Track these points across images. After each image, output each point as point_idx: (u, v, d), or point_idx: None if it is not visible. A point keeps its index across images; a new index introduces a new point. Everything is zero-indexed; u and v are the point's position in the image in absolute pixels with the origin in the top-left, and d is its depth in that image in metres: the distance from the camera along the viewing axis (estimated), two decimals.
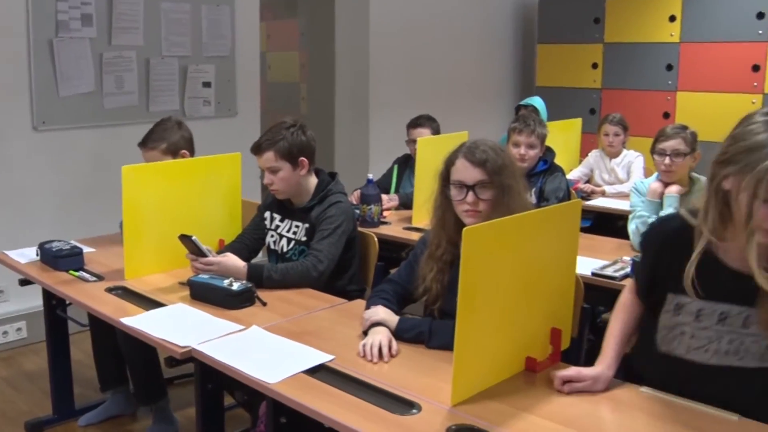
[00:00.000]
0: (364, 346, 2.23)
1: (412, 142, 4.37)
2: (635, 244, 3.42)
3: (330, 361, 2.16)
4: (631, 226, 3.46)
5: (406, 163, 4.51)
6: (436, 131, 4.44)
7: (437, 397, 1.93)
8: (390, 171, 4.57)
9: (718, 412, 1.90)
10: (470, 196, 2.34)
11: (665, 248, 2.00)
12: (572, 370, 2.01)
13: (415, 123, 4.51)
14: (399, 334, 2.30)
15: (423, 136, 4.19)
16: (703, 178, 3.45)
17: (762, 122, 1.74)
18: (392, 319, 2.35)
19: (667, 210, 3.33)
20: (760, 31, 6.05)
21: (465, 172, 2.36)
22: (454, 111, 6.40)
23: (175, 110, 4.87)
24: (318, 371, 2.10)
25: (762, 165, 1.67)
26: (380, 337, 2.24)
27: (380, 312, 2.37)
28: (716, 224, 1.83)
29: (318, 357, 2.18)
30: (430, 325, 2.30)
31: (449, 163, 2.43)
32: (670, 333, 1.99)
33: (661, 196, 3.42)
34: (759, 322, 1.84)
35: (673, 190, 3.38)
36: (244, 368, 2.11)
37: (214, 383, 2.45)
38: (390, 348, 2.22)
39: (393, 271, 2.74)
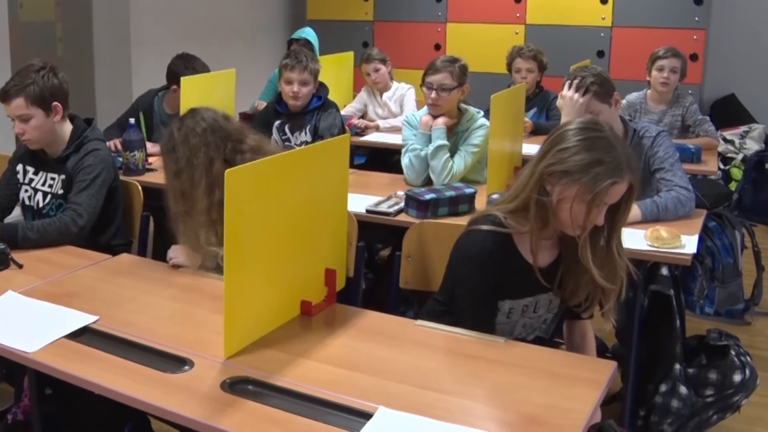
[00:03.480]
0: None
1: None
2: (409, 178, 3.47)
3: (94, 322, 2.01)
4: (405, 160, 3.49)
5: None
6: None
7: (210, 351, 1.86)
8: (131, 114, 4.12)
9: (486, 336, 1.97)
10: None
11: (493, 264, 2.06)
12: None
13: None
14: None
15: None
16: (471, 109, 3.53)
17: (584, 138, 1.96)
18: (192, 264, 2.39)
19: (436, 142, 3.38)
20: None
21: None
22: (222, 47, 6.20)
23: None
24: (82, 335, 1.96)
25: (604, 180, 1.90)
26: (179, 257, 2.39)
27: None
28: (536, 223, 2.01)
29: (80, 319, 2.03)
30: None
31: None
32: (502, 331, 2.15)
33: (431, 128, 3.46)
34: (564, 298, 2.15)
35: (440, 122, 3.43)
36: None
37: None
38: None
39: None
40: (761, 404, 3.15)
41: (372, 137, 4.75)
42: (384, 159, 4.53)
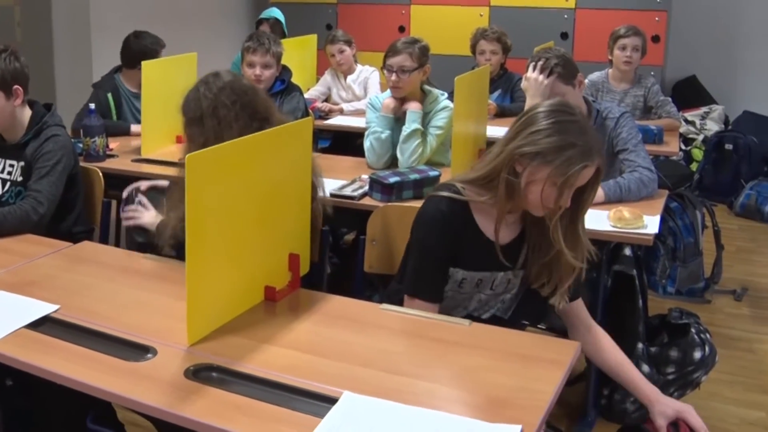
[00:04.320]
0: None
1: None
2: (370, 161, 3.46)
3: (55, 311, 1.98)
4: (366, 143, 3.48)
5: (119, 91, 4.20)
6: None
7: (173, 338, 1.84)
8: (101, 97, 4.12)
9: (451, 319, 1.98)
10: None
11: (446, 227, 2.07)
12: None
13: None
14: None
15: None
16: (435, 91, 3.52)
17: (556, 121, 1.96)
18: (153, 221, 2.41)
19: (411, 125, 3.37)
20: None
21: None
22: (184, 31, 6.11)
23: None
24: (42, 324, 1.92)
25: (576, 164, 1.91)
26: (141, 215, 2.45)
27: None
28: (504, 202, 2.02)
29: (41, 309, 1.99)
30: None
31: None
32: (455, 302, 2.19)
33: (395, 111, 3.45)
34: (530, 279, 2.15)
35: (413, 106, 3.41)
36: None
37: None
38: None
39: None
40: (719, 380, 3.21)
41: (336, 120, 4.73)
42: (348, 142, 4.51)
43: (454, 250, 2.09)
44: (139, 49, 4.05)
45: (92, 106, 3.57)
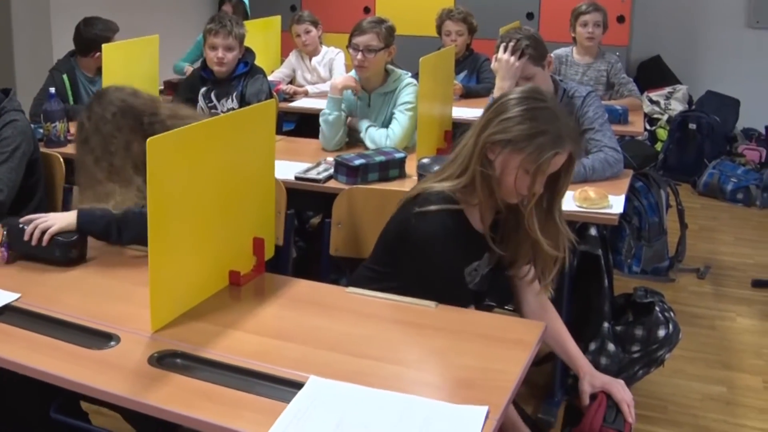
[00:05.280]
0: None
1: None
2: (321, 143, 3.48)
3: (15, 300, 1.95)
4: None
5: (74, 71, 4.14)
6: None
7: (137, 325, 1.82)
8: (56, 79, 4.06)
9: (417, 301, 1.98)
10: None
11: (455, 239, 2.03)
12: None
13: None
14: (84, 227, 2.20)
15: None
16: (398, 71, 3.51)
17: (528, 108, 1.95)
18: (70, 218, 2.22)
19: (362, 127, 3.44)
20: None
21: None
22: (145, 12, 6.01)
23: None
24: (2, 313, 1.89)
25: (548, 151, 1.90)
26: (52, 221, 2.18)
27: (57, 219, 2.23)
28: (486, 198, 2.02)
29: (1, 297, 1.95)
30: (120, 217, 2.20)
31: None
32: None
33: (341, 91, 3.45)
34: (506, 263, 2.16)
35: (355, 121, 3.47)
36: None
37: None
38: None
39: None
40: (682, 357, 3.26)
41: (301, 103, 4.69)
42: (313, 125, 4.45)
43: (460, 255, 2.07)
44: (89, 37, 4.00)
45: (52, 90, 3.51)
